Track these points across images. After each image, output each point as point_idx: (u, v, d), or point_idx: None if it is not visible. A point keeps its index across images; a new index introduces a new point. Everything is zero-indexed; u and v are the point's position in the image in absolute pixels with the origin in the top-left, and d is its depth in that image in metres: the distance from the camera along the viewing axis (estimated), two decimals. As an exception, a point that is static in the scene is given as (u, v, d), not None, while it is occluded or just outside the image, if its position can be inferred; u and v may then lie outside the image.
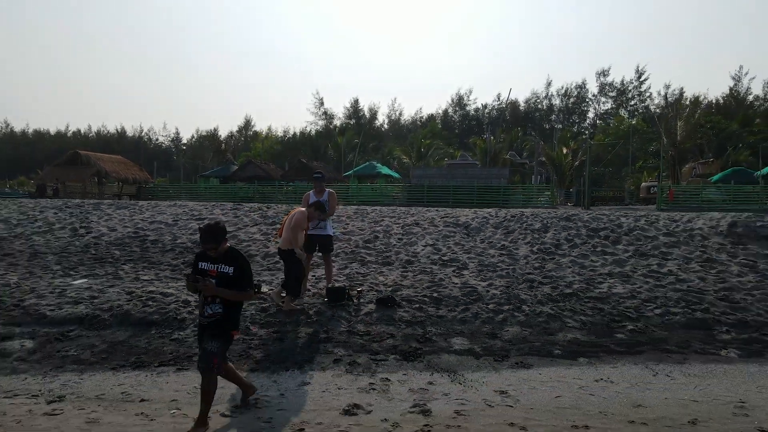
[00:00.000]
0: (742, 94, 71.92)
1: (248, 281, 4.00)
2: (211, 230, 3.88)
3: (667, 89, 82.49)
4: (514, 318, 6.30)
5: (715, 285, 7.40)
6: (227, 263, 3.91)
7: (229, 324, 3.97)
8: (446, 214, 11.41)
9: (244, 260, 4.06)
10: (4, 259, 8.44)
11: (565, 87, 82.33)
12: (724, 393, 4.69)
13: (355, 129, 54.97)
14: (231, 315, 3.97)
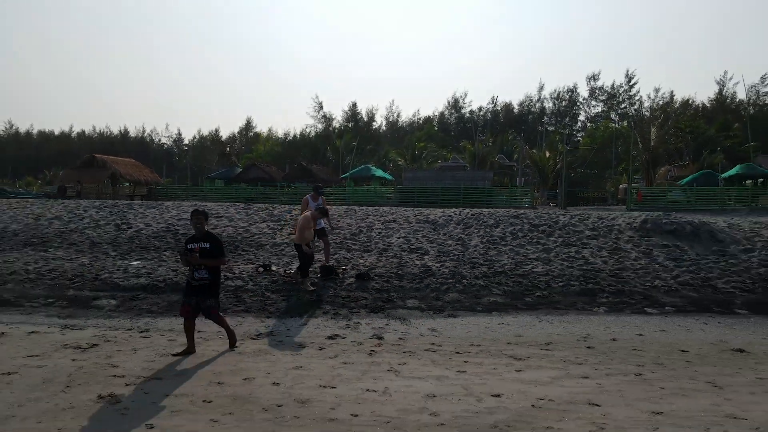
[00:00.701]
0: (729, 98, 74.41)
1: (220, 252, 5.98)
2: (199, 210, 6.14)
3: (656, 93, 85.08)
4: (455, 288, 8.72)
5: (612, 266, 9.84)
6: (206, 241, 5.90)
7: (216, 287, 5.98)
8: (419, 212, 13.86)
9: (217, 239, 6.12)
10: (71, 247, 10.86)
11: (558, 90, 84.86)
12: (579, 330, 7.12)
13: (353, 132, 57.40)
14: (216, 280, 5.97)
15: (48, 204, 16.01)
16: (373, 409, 4.34)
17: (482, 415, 4.26)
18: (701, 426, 4.13)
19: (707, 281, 9.26)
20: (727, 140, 47.67)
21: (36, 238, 11.67)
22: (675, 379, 5.29)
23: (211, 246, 5.85)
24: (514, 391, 4.82)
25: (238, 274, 9.12)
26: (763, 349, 6.46)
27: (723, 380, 5.28)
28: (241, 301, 7.98)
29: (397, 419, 4.15)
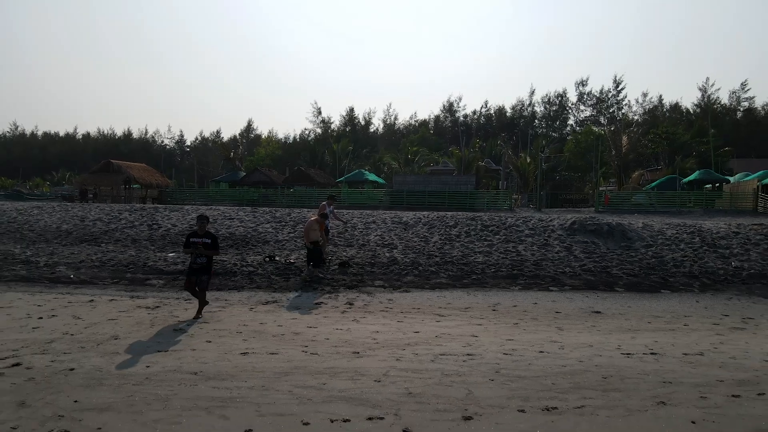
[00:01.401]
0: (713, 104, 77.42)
1: (216, 246, 8.54)
2: (203, 216, 8.94)
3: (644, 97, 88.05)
4: (412, 273, 11.67)
5: (537, 257, 12.79)
6: (206, 237, 8.54)
7: (210, 269, 8.48)
8: (395, 215, 16.80)
9: (215, 237, 8.80)
10: (118, 243, 13.80)
11: (548, 95, 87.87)
12: (494, 300, 10.05)
13: (349, 136, 60.40)
14: (209, 264, 8.50)
15: (86, 207, 18.92)
16: (338, 336, 7.29)
17: (403, 339, 7.21)
18: (529, 343, 7.08)
19: (605, 268, 12.21)
20: (702, 146, 50.56)
21: (87, 236, 14.62)
22: (537, 326, 8.25)
23: (211, 242, 8.41)
24: (428, 330, 7.77)
25: (250, 263, 12.08)
26: (613, 311, 9.41)
27: (568, 327, 8.24)
28: (254, 281, 10.93)
29: (353, 340, 7.10)
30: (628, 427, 4.67)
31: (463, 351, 6.72)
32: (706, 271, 12.16)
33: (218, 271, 11.44)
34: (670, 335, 7.86)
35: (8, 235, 14.82)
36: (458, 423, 4.65)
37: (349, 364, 6.12)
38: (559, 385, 5.63)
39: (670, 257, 13.00)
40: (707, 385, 5.73)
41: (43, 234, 14.87)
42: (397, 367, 6.04)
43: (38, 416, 4.56)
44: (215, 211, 17.84)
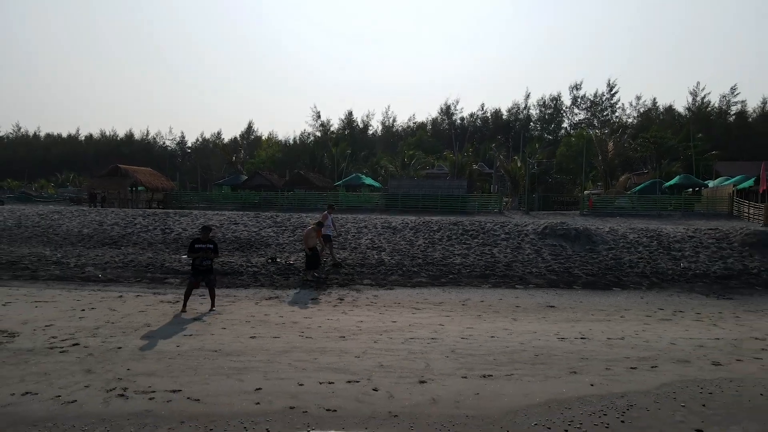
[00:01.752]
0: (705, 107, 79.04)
1: (217, 251, 10.30)
2: (207, 226, 10.62)
3: (638, 100, 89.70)
4: (397, 273, 13.29)
5: (508, 259, 14.40)
6: (210, 244, 10.47)
7: (213, 269, 10.30)
8: (384, 220, 18.40)
9: (216, 242, 10.59)
10: (136, 246, 15.41)
11: (544, 98, 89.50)
12: (465, 297, 11.66)
13: (348, 139, 62.02)
14: (212, 266, 10.30)
15: (102, 212, 20.51)
16: (329, 324, 8.91)
17: (381, 327, 8.83)
18: (484, 330, 8.70)
19: (568, 269, 13.83)
20: (688, 150, 52.18)
21: (107, 239, 16.24)
22: (496, 317, 9.87)
23: (213, 247, 10.16)
24: (404, 320, 9.39)
25: (254, 264, 13.71)
26: (565, 306, 11.02)
27: (522, 318, 9.85)
28: (258, 280, 12.54)
29: (340, 327, 8.71)
30: (541, 388, 6.28)
31: (429, 336, 8.35)
32: (657, 272, 13.79)
33: (227, 271, 13.07)
34: (604, 324, 9.47)
35: (36, 238, 16.44)
36: (415, 385, 6.27)
37: (335, 345, 7.74)
38: (499, 360, 7.26)
39: (627, 259, 14.63)
40: (615, 360, 7.36)
41: (67, 237, 16.49)
42: (373, 348, 7.66)
43: (102, 379, 6.18)
44: (221, 216, 19.45)
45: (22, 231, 17.52)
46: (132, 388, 5.90)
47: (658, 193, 35.29)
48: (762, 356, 7.68)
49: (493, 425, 5.30)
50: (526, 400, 5.91)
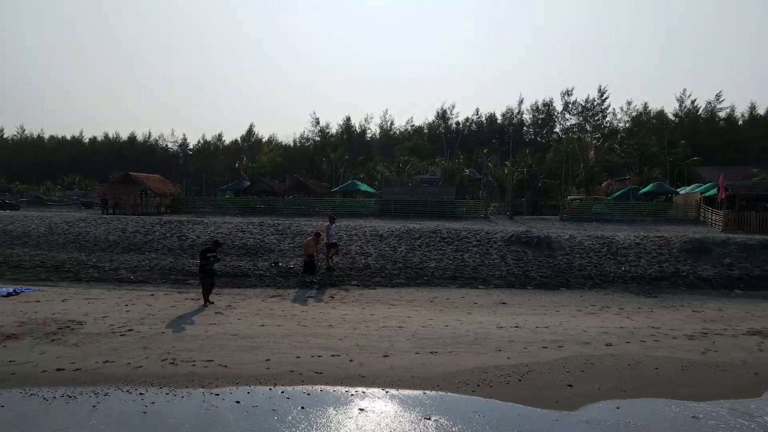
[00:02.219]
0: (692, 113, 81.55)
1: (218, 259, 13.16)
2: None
3: (629, 105, 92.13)
4: (380, 275, 15.78)
5: (476, 263, 16.89)
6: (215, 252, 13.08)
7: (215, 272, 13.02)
8: (373, 228, 20.87)
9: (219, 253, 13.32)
10: (157, 252, 17.88)
11: (537, 103, 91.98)
12: (434, 295, 14.13)
13: (346, 145, 64.52)
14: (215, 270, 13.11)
15: (124, 220, 22.96)
16: (321, 317, 11.40)
17: (362, 318, 11.31)
18: (442, 321, 11.19)
19: (526, 272, 16.32)
20: (671, 156, 54.60)
21: (132, 245, 18.73)
22: (455, 312, 12.35)
23: (217, 255, 12.86)
24: (380, 313, 11.88)
25: (260, 268, 16.19)
26: (515, 303, 13.48)
27: (476, 312, 12.34)
28: (263, 281, 15.02)
29: (329, 319, 11.19)
30: (471, 360, 8.76)
31: (397, 325, 10.84)
32: (601, 274, 16.29)
33: (237, 274, 15.57)
34: (539, 317, 11.96)
35: (70, 245, 18.92)
36: (380, 358, 8.75)
37: (324, 331, 10.23)
38: (446, 342, 9.74)
39: (578, 263, 17.12)
40: (533, 342, 9.84)
41: (96, 244, 18.97)
42: (353, 333, 10.15)
43: (156, 353, 8.66)
44: (229, 224, 21.91)
45: (56, 238, 20.01)
46: (178, 359, 8.40)
47: (632, 199, 37.74)
48: (647, 340, 10.16)
49: (430, 381, 7.80)
50: (458, 367, 8.40)
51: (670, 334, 10.68)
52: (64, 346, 8.92)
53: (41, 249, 18.47)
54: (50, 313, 11.08)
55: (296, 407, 6.80)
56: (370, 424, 6.47)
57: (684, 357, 9.13)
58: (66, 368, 7.89)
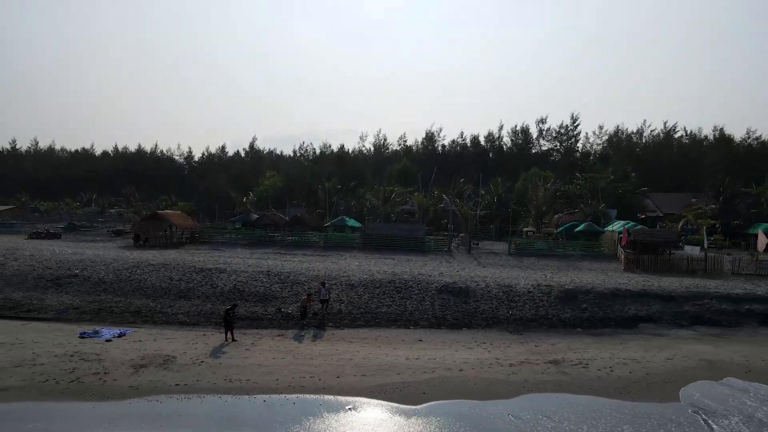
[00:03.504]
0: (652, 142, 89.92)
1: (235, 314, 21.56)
2: (235, 305, 21.69)
3: (600, 129, 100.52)
4: (348, 318, 24.14)
5: (413, 308, 25.27)
6: (233, 308, 21.35)
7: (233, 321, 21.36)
8: (348, 278, 29.15)
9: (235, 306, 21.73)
10: (199, 299, 26.22)
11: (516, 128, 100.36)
12: (378, 334, 22.47)
13: (339, 175, 73.02)
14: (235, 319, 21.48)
15: (169, 267, 31.27)
16: (306, 352, 19.80)
17: (329, 352, 19.72)
18: (373, 353, 19.60)
19: (445, 315, 24.69)
20: (620, 188, 62.97)
21: (180, 292, 27.07)
22: (387, 346, 20.72)
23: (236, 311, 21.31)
24: (342, 348, 20.26)
25: (268, 312, 24.55)
26: (428, 339, 21.81)
27: (400, 347, 20.71)
28: (272, 323, 23.36)
29: (311, 353, 19.59)
30: (382, 378, 17.13)
31: (349, 357, 19.22)
32: (494, 316, 24.67)
33: (254, 317, 23.93)
34: (435, 351, 20.28)
35: (137, 292, 27.26)
36: (335, 378, 17.15)
37: (307, 362, 18.61)
38: (373, 368, 18.11)
39: (482, 308, 25.50)
40: (420, 369, 18.18)
41: (156, 291, 27.30)
42: (323, 363, 18.51)
43: (220, 375, 17.04)
44: (245, 274, 30.20)
45: (124, 285, 28.36)
46: (233, 378, 16.78)
47: (562, 237, 46.16)
48: (484, 367, 18.52)
49: (356, 391, 16.16)
50: (373, 383, 16.76)
51: (504, 362, 19.04)
52: (172, 372, 17.30)
53: (118, 295, 26.85)
54: (152, 350, 19.45)
55: (290, 403, 15.18)
56: (323, 410, 14.86)
57: (494, 377, 17.49)
58: (179, 384, 16.27)
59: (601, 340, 22.56)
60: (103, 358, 18.31)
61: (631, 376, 17.95)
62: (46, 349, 19.20)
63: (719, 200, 60.86)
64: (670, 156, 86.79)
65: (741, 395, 16.67)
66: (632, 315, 25.26)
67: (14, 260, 34.35)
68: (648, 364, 19.22)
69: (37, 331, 21.62)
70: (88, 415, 14.18)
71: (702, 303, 26.37)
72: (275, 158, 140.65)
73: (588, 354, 20.26)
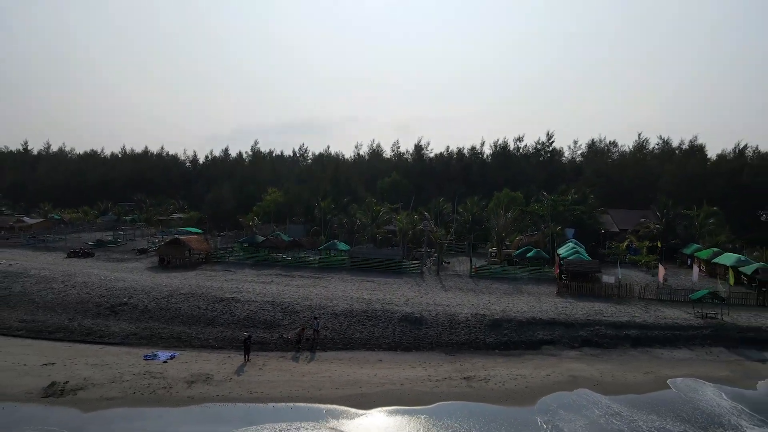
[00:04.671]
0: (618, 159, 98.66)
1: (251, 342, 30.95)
2: (250, 336, 31.06)
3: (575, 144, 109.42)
4: (331, 342, 33.51)
5: (379, 334, 34.61)
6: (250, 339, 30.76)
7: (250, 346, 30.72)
8: (333, 307, 38.45)
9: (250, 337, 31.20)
10: (222, 325, 35.50)
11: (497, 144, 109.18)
12: (352, 356, 31.88)
13: (332, 195, 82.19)
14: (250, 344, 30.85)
15: (198, 296, 40.58)
16: (300, 370, 29.20)
17: (316, 371, 29.11)
18: (348, 372, 28.99)
19: (401, 339, 34.00)
20: (577, 210, 72.01)
21: (208, 320, 36.33)
22: (356, 365, 30.09)
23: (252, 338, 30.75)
24: (324, 367, 29.66)
25: (273, 338, 33.88)
26: (387, 359, 31.18)
27: (365, 366, 30.09)
28: (276, 347, 32.68)
29: (303, 371, 29.00)
30: (350, 390, 26.51)
31: (328, 375, 28.61)
32: (437, 341, 33.99)
33: (263, 342, 33.26)
34: (389, 369, 29.61)
35: (176, 320, 36.53)
36: (318, 390, 26.57)
37: (300, 378, 27.98)
38: (343, 383, 27.51)
39: (431, 333, 34.80)
40: (374, 383, 27.56)
41: (189, 318, 36.56)
42: (311, 378, 27.90)
43: (245, 388, 26.41)
44: (254, 303, 39.48)
45: (164, 313, 37.63)
46: (253, 391, 26.16)
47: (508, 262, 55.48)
48: (417, 381, 27.91)
49: (331, 400, 25.52)
50: (343, 393, 26.13)
51: (433, 378, 28.40)
52: (212, 386, 26.65)
53: (162, 323, 36.13)
54: (196, 369, 28.77)
55: (289, 408, 24.54)
56: (309, 414, 24.21)
57: (423, 390, 26.82)
58: (219, 395, 25.63)
59: (510, 359, 31.90)
60: (165, 376, 27.65)
61: (515, 388, 27.29)
62: (125, 369, 28.55)
63: (662, 221, 70.03)
64: (636, 171, 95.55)
65: (581, 401, 26.01)
66: (539, 339, 34.60)
67: (72, 288, 43.70)
68: (531, 379, 28.57)
69: (113, 355, 30.98)
70: (166, 416, 23.53)
71: (593, 328, 35.73)
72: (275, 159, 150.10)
73: (494, 371, 29.59)
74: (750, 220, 75.53)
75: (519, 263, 56.12)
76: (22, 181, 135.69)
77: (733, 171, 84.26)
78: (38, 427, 22.11)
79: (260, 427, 22.43)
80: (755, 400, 26.78)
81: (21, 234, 78.26)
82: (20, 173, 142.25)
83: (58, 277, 47.06)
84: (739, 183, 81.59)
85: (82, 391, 25.63)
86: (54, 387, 25.93)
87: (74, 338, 33.73)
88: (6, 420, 22.77)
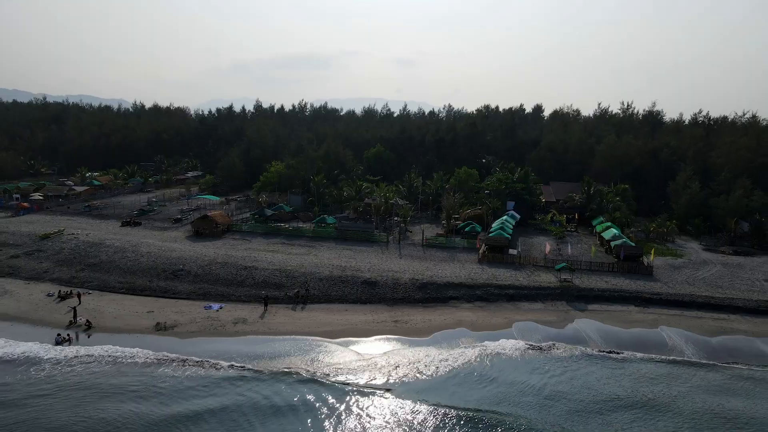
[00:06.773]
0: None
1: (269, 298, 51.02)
2: (268, 294, 51.22)
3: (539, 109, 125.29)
4: (317, 298, 53.76)
5: (350, 291, 54.76)
6: (267, 296, 50.75)
7: (267, 301, 50.89)
8: (319, 271, 58.26)
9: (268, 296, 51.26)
10: (248, 286, 55.44)
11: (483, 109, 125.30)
12: (330, 307, 52.14)
13: (326, 170, 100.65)
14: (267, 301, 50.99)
15: (230, 263, 60.51)
16: (299, 316, 49.56)
17: (308, 316, 49.41)
18: (327, 319, 49.33)
19: (362, 295, 54.15)
20: (518, 186, 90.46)
21: (238, 282, 56.14)
22: (334, 314, 50.37)
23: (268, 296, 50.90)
24: (315, 315, 49.97)
25: (282, 295, 54.05)
26: (353, 309, 51.40)
27: (339, 314, 50.39)
28: (284, 301, 52.70)
29: (301, 317, 49.33)
30: (328, 329, 46.86)
31: (315, 319, 48.92)
32: (384, 297, 54.18)
33: (276, 298, 53.42)
34: (353, 315, 49.87)
35: (218, 282, 56.23)
36: (314, 327, 46.92)
37: (299, 321, 48.34)
38: (323, 324, 47.85)
39: (381, 292, 54.92)
40: (344, 325, 47.82)
41: (226, 281, 56.22)
42: (307, 322, 48.27)
43: (269, 327, 46.73)
44: (266, 271, 59.33)
45: (209, 277, 57.34)
46: (270, 328, 46.51)
47: (456, 236, 74.92)
48: (366, 323, 48.23)
49: (313, 333, 45.83)
50: (325, 330, 46.50)
51: (374, 321, 48.69)
52: (248, 325, 46.91)
53: (209, 284, 55.96)
54: (237, 315, 48.92)
55: (291, 339, 44.85)
56: (302, 342, 44.55)
57: (366, 328, 47.05)
58: (252, 331, 45.97)
59: (426, 309, 52.09)
60: (219, 319, 47.95)
61: (422, 327, 47.54)
62: (195, 315, 48.80)
63: (584, 195, 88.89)
64: (580, 147, 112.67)
65: (457, 334, 46.20)
66: (449, 296, 54.65)
67: (141, 257, 63.62)
68: (433, 322, 48.83)
69: (184, 305, 51.19)
70: (225, 342, 43.84)
71: (486, 289, 55.75)
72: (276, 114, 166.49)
73: (414, 317, 49.84)
74: (658, 194, 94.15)
75: (461, 234, 75.62)
76: (53, 142, 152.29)
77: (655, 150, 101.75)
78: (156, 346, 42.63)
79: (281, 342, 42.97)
80: (562, 335, 46.92)
81: (76, 202, 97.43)
82: (50, 132, 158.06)
83: (128, 248, 66.90)
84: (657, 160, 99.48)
85: (176, 327, 45.96)
86: (159, 325, 46.18)
87: (157, 294, 53.94)
88: (140, 342, 42.99)
